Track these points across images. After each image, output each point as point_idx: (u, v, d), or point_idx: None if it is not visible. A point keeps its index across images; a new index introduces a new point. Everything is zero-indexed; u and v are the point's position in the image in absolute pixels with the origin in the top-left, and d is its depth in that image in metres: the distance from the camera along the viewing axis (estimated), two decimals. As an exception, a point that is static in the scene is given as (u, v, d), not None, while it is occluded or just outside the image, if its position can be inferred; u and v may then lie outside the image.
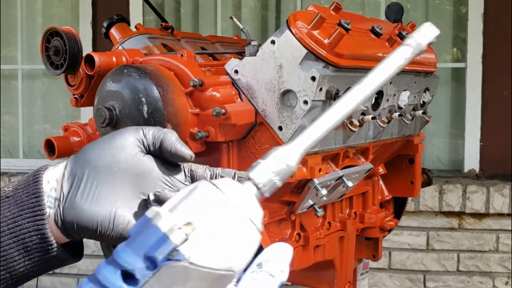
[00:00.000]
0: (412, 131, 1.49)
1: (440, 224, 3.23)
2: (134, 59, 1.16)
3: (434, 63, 1.49)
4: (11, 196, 0.66)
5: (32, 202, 0.64)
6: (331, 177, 1.16)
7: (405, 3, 3.46)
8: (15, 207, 0.64)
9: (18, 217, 0.64)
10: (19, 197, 0.65)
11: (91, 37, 3.74)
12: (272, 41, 1.07)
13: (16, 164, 3.95)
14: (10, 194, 0.66)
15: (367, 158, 1.34)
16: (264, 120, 1.10)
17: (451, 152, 3.59)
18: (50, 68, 1.17)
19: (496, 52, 3.36)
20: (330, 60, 1.06)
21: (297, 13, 1.09)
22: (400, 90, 1.35)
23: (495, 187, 3.14)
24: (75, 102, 1.25)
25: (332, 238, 1.36)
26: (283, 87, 1.06)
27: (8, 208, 0.65)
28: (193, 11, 3.82)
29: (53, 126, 4.03)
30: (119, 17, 1.43)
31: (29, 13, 4.03)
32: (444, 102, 3.55)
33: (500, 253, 3.21)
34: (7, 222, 0.64)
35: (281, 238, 1.22)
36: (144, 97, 1.02)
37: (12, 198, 0.65)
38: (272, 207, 1.17)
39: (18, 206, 0.64)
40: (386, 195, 1.57)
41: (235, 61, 1.12)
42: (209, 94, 1.07)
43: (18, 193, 0.65)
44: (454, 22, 3.56)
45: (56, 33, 1.14)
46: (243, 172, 0.62)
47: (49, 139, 1.26)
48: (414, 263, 3.28)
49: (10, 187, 0.67)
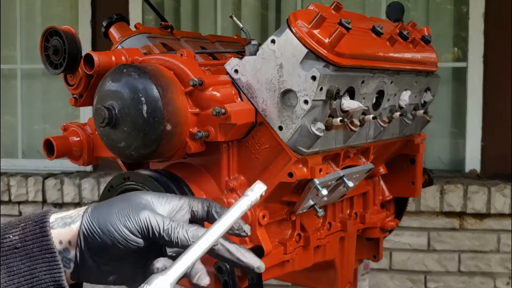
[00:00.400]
0: (413, 131, 1.48)
1: (441, 225, 3.23)
2: (134, 58, 1.15)
3: (435, 63, 1.48)
4: (20, 248, 0.73)
5: (47, 258, 0.73)
6: (332, 177, 1.15)
7: (406, 2, 3.46)
8: (28, 260, 0.73)
9: (34, 270, 0.73)
10: (30, 250, 0.73)
11: (91, 36, 3.74)
12: (272, 41, 1.07)
13: (16, 164, 3.95)
14: (19, 245, 0.73)
15: (367, 158, 1.33)
16: (264, 120, 1.09)
17: (452, 152, 3.58)
18: (49, 67, 1.17)
19: (497, 51, 3.36)
20: (331, 60, 1.06)
21: (298, 12, 1.08)
22: (401, 90, 1.34)
23: (496, 187, 3.14)
24: (74, 102, 1.24)
25: (333, 239, 1.35)
26: (284, 87, 1.06)
27: (21, 261, 0.73)
28: (193, 10, 3.81)
29: (52, 126, 4.03)
30: (119, 16, 1.42)
31: (28, 12, 4.02)
32: (445, 102, 3.54)
33: (501, 253, 3.20)
34: (22, 274, 0.72)
35: (282, 238, 1.22)
36: (143, 96, 1.02)
37: (22, 250, 0.73)
38: (273, 208, 1.17)
39: (31, 260, 0.73)
40: (387, 195, 1.57)
41: (235, 61, 1.12)
42: (209, 94, 1.06)
43: (28, 246, 0.73)
44: (455, 22, 3.56)
45: (55, 33, 1.14)
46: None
47: (48, 139, 1.26)
48: (415, 263, 3.28)
49: (16, 236, 0.74)
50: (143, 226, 0.74)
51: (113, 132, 1.05)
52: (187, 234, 0.75)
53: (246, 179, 1.13)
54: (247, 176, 1.13)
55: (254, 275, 1.10)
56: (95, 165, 3.73)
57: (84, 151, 1.28)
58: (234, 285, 1.07)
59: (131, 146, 1.04)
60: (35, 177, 3.60)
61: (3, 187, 3.60)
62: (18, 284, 0.72)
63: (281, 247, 1.20)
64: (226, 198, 1.10)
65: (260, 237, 1.12)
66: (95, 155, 1.29)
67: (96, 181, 3.51)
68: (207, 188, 1.12)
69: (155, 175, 1.09)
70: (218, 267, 1.06)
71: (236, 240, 0.88)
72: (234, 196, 1.10)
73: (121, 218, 0.75)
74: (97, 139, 1.24)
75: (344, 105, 1.12)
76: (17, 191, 3.60)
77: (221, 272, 1.06)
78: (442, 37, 3.51)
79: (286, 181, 1.09)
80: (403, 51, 1.33)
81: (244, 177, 1.13)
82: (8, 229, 0.75)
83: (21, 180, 3.60)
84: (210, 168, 1.14)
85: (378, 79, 1.23)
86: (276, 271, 1.22)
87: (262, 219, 1.12)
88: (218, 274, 1.06)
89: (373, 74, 1.20)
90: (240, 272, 1.11)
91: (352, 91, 1.15)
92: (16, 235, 0.74)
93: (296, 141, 1.08)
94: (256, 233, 1.12)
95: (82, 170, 3.74)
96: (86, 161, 1.29)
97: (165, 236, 0.74)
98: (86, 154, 1.28)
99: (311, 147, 1.09)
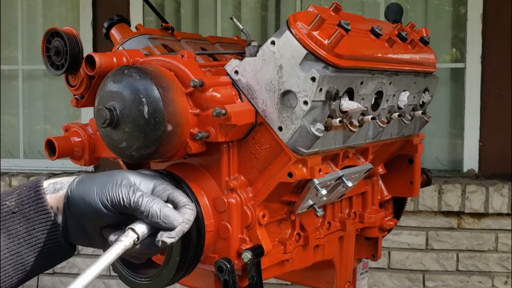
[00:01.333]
0: (411, 131, 1.49)
1: (439, 224, 3.24)
2: (135, 59, 1.16)
3: (433, 64, 1.49)
4: (18, 212, 0.78)
5: (43, 218, 0.78)
6: (331, 177, 1.16)
7: (404, 4, 3.47)
8: (26, 222, 0.78)
9: (32, 231, 0.77)
10: (27, 213, 0.78)
11: (92, 37, 3.74)
12: (272, 42, 1.08)
13: (17, 164, 3.95)
14: (16, 210, 0.78)
15: (366, 158, 1.34)
16: (264, 121, 1.10)
17: (451, 152, 3.59)
18: (51, 68, 1.17)
19: (495, 52, 3.36)
20: (330, 61, 1.07)
21: (297, 14, 1.09)
22: (400, 91, 1.35)
23: (494, 187, 3.15)
24: (76, 103, 1.25)
25: (332, 238, 1.36)
26: (283, 88, 1.07)
27: (20, 224, 0.78)
28: (193, 11, 3.82)
29: (53, 126, 4.03)
30: (120, 17, 1.43)
31: (30, 13, 4.03)
32: (443, 102, 3.55)
33: (499, 252, 3.21)
34: (22, 236, 0.77)
35: (281, 238, 1.22)
36: (144, 97, 1.02)
37: (19, 214, 0.78)
38: (272, 207, 1.18)
39: (29, 222, 0.78)
40: (385, 195, 1.57)
41: (235, 62, 1.12)
42: (210, 95, 1.07)
43: (25, 209, 0.78)
44: (453, 23, 3.57)
45: (56, 34, 1.14)
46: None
47: (49, 139, 1.26)
48: (413, 262, 3.29)
49: (13, 202, 0.79)
50: (115, 200, 0.79)
51: (114, 133, 1.06)
52: (159, 211, 0.79)
53: (246, 179, 1.14)
54: (247, 176, 1.14)
55: (254, 274, 1.11)
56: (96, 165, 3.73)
57: (86, 152, 1.29)
58: (234, 284, 1.07)
59: (132, 146, 1.05)
60: (36, 177, 3.60)
61: (5, 187, 3.61)
62: (18, 245, 0.76)
63: (281, 246, 1.21)
64: (226, 198, 1.11)
65: (260, 236, 1.13)
66: (96, 155, 1.30)
67: (97, 181, 3.51)
68: (208, 188, 1.13)
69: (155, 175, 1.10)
70: (219, 266, 1.07)
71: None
72: (234, 196, 1.11)
73: (99, 192, 0.80)
74: (98, 140, 1.25)
75: (343, 106, 1.13)
76: (18, 191, 3.60)
77: (221, 271, 1.07)
78: (440, 38, 3.52)
79: (286, 181, 1.10)
80: (402, 52, 1.34)
81: (244, 177, 1.14)
82: (4, 197, 0.79)
83: (22, 180, 3.60)
84: (211, 168, 1.14)
85: (377, 80, 1.24)
86: (276, 270, 1.22)
87: (262, 218, 1.13)
88: (219, 274, 1.07)
89: (372, 75, 1.21)
90: (240, 271, 1.12)
91: (351, 92, 1.16)
92: (13, 201, 0.79)
93: (295, 142, 1.08)
94: (256, 232, 1.13)
95: (84, 170, 3.75)
96: (88, 161, 1.30)
97: (134, 207, 0.79)
98: (88, 155, 1.29)
99: (310, 147, 1.10)
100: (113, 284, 3.55)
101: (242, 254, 1.09)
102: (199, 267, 1.13)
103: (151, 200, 0.80)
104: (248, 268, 1.11)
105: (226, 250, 1.11)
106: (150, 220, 0.79)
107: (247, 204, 1.12)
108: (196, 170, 1.16)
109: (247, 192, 1.13)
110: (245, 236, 1.12)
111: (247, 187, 1.14)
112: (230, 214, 1.10)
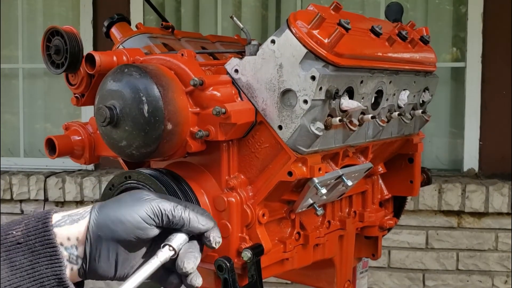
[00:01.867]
0: (411, 131, 1.49)
1: (440, 223, 3.24)
2: (135, 58, 1.16)
3: (433, 63, 1.49)
4: (23, 243, 0.76)
5: (48, 252, 0.76)
6: (331, 176, 1.16)
7: (405, 3, 3.47)
8: (30, 255, 0.75)
9: (36, 265, 0.75)
10: (32, 245, 0.76)
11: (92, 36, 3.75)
12: (272, 41, 1.08)
13: (17, 162, 3.96)
14: (21, 241, 0.76)
15: (366, 157, 1.34)
16: (264, 119, 1.10)
17: (451, 152, 3.59)
18: (51, 67, 1.17)
19: (496, 51, 3.36)
20: (330, 60, 1.07)
21: (297, 13, 1.09)
22: (400, 90, 1.35)
23: (494, 186, 3.15)
24: (76, 101, 1.25)
25: (332, 237, 1.36)
26: (283, 87, 1.07)
27: (24, 256, 0.75)
28: (193, 10, 3.82)
29: (54, 125, 4.04)
30: (120, 16, 1.43)
31: (30, 12, 4.03)
32: (443, 102, 3.55)
33: (499, 252, 3.22)
34: (25, 269, 0.74)
35: (281, 237, 1.22)
36: (144, 96, 1.02)
37: (24, 245, 0.76)
38: (272, 206, 1.18)
39: (33, 254, 0.75)
40: (385, 194, 1.58)
41: (235, 61, 1.12)
42: (210, 93, 1.07)
43: (30, 241, 0.76)
44: (454, 22, 3.57)
45: (57, 33, 1.15)
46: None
47: (50, 138, 1.27)
48: (413, 262, 3.29)
49: (19, 232, 0.77)
50: (156, 211, 0.79)
51: (115, 131, 1.06)
52: (195, 216, 0.82)
53: (246, 177, 1.14)
54: (247, 174, 1.14)
55: (254, 272, 1.11)
56: (97, 164, 3.74)
57: (86, 150, 1.29)
58: (234, 283, 1.07)
59: (132, 145, 1.05)
60: (36, 175, 3.61)
61: (5, 186, 3.62)
62: (21, 278, 0.74)
63: (281, 245, 1.21)
64: (226, 197, 1.11)
65: (260, 235, 1.13)
66: (96, 154, 1.30)
67: (98, 180, 3.52)
68: (208, 186, 1.13)
69: (156, 173, 1.10)
70: (219, 265, 1.07)
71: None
72: (233, 195, 1.11)
73: (133, 207, 0.79)
74: (98, 138, 1.25)
75: (343, 105, 1.13)
76: (19, 189, 3.61)
77: (221, 270, 1.07)
78: (440, 37, 3.52)
79: (286, 180, 1.10)
80: (402, 51, 1.34)
81: (244, 175, 1.14)
82: (11, 226, 0.77)
83: (23, 178, 3.61)
84: (211, 167, 1.15)
85: (377, 79, 1.24)
86: (276, 269, 1.23)
87: (262, 217, 1.13)
88: (218, 272, 1.07)
89: (372, 74, 1.21)
90: (240, 270, 1.12)
91: (351, 91, 1.16)
92: (19, 231, 0.76)
93: (295, 141, 1.09)
94: (256, 231, 1.13)
95: (84, 168, 3.76)
96: (88, 160, 1.30)
97: (175, 214, 0.80)
98: (88, 153, 1.29)
99: (310, 146, 1.10)
100: (113, 283, 3.56)
101: (242, 252, 1.10)
102: (199, 265, 1.13)
103: (184, 207, 0.83)
104: (248, 267, 1.11)
105: (226, 249, 1.11)
106: (191, 225, 0.82)
107: (247, 203, 1.12)
108: (196, 169, 1.16)
109: (247, 191, 1.13)
110: (245, 235, 1.12)
111: (247, 186, 1.14)
112: (230, 212, 1.11)
